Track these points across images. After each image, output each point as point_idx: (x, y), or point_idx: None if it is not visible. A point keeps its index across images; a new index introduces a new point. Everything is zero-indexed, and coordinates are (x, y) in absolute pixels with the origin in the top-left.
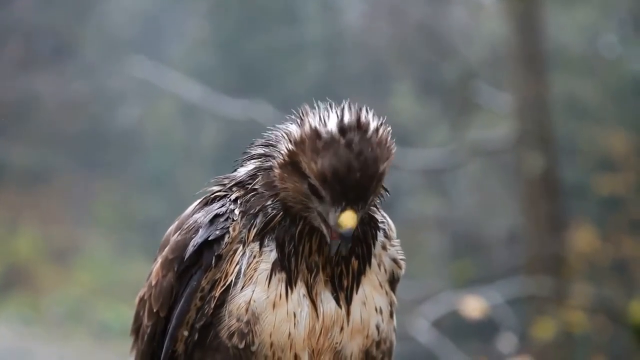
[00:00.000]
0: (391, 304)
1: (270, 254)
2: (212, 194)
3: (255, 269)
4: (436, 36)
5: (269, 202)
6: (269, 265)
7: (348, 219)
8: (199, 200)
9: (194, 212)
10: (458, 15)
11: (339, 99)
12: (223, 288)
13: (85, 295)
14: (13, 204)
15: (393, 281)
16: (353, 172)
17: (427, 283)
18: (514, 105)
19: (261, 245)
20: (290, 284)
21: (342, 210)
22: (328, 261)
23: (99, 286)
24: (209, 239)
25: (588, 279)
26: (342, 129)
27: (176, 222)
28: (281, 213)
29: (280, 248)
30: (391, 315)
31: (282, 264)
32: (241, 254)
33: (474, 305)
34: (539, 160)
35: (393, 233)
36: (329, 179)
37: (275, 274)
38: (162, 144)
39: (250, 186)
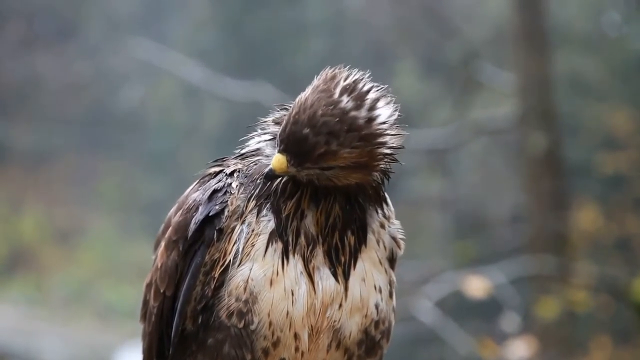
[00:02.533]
0: (390, 284)
1: (268, 224)
2: (208, 172)
3: (252, 245)
4: (439, 15)
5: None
6: (266, 237)
7: (275, 161)
8: (195, 182)
9: (191, 191)
10: None
11: None
12: (222, 269)
13: (89, 276)
14: (17, 185)
15: (392, 260)
16: (299, 124)
17: (430, 263)
18: (517, 83)
19: (258, 214)
20: (286, 253)
21: (278, 152)
22: (322, 230)
23: (102, 267)
24: (210, 214)
25: (591, 257)
26: (317, 87)
27: (175, 205)
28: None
29: (276, 214)
30: (390, 296)
31: (278, 232)
32: (239, 232)
33: (477, 285)
34: (542, 139)
35: (392, 213)
36: (290, 116)
37: (272, 244)
38: (165, 125)
39: (250, 158)
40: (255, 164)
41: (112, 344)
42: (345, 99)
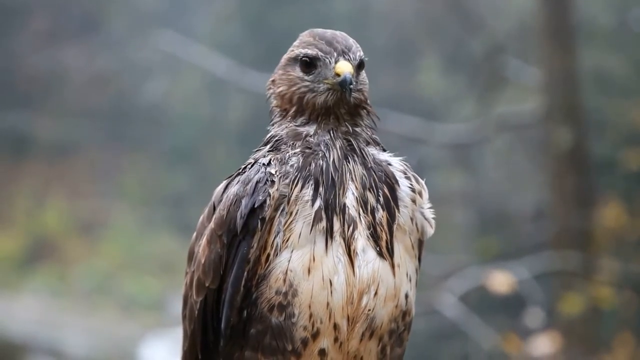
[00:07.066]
0: (417, 271)
1: (314, 204)
2: (238, 169)
3: (291, 229)
4: (463, 10)
5: (298, 146)
6: (309, 218)
7: (343, 66)
8: (223, 182)
9: (227, 188)
10: None
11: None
12: (265, 263)
13: (111, 268)
14: (41, 177)
15: (422, 242)
16: (330, 31)
17: (454, 258)
18: (542, 79)
19: (302, 196)
20: (331, 232)
21: (336, 62)
22: (361, 206)
23: (125, 259)
24: (255, 206)
25: (615, 254)
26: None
27: (207, 208)
28: (309, 147)
29: (325, 190)
30: (416, 285)
31: (325, 209)
32: (277, 223)
33: (501, 280)
34: (567, 134)
35: (424, 191)
36: (313, 40)
37: (317, 223)
38: (188, 118)
39: (283, 146)
40: (291, 152)
41: (135, 335)
42: None
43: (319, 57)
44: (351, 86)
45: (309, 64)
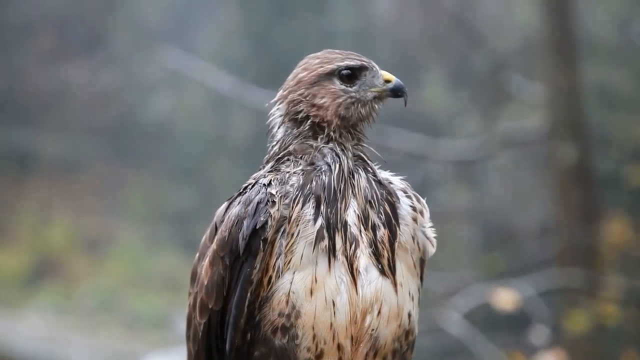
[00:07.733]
0: (419, 290)
1: (316, 224)
2: (239, 190)
3: (292, 251)
4: (467, 26)
5: (301, 164)
6: (311, 237)
7: (390, 76)
8: (225, 203)
9: (228, 209)
10: (489, 5)
11: None
12: (268, 286)
13: (116, 286)
14: (45, 195)
15: (424, 261)
16: (352, 54)
17: (458, 275)
18: (545, 95)
19: (303, 216)
20: (334, 252)
21: (381, 71)
22: (362, 223)
23: (129, 276)
24: (257, 227)
25: (620, 270)
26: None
27: (209, 229)
28: (312, 163)
29: (317, 203)
30: (418, 304)
31: (327, 228)
32: (279, 245)
33: (505, 298)
34: (571, 150)
35: (425, 211)
36: (341, 55)
37: (319, 242)
38: (193, 134)
39: (281, 166)
40: (292, 170)
41: (139, 353)
42: None
43: (366, 67)
44: (405, 87)
45: (350, 75)
